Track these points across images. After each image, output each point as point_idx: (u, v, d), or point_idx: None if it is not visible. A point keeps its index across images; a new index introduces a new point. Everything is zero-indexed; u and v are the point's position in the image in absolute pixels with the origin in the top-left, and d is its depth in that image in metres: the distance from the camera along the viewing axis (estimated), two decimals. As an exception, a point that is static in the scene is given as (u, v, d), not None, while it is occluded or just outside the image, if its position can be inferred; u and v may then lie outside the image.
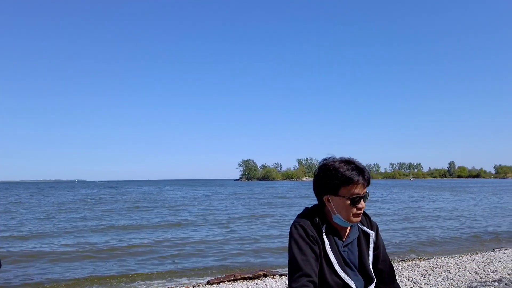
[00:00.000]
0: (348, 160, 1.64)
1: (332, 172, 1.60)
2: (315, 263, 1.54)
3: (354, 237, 1.69)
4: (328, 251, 1.59)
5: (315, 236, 1.59)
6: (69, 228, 13.74)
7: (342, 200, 1.59)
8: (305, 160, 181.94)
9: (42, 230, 13.43)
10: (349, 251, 1.67)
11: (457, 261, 7.32)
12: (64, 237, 11.71)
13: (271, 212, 19.12)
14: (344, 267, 1.61)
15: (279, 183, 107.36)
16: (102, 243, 10.49)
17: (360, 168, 1.60)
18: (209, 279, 6.98)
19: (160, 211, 20.62)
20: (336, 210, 1.62)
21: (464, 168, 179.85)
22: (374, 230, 1.76)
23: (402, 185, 68.54)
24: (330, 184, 1.60)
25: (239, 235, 11.85)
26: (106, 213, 19.76)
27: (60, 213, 20.37)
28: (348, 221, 1.62)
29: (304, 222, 1.61)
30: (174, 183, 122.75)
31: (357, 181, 1.57)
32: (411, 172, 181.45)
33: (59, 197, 39.02)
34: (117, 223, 15.02)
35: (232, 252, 9.38)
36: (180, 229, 13.26)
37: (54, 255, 9.07)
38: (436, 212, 18.57)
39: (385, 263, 1.76)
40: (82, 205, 26.56)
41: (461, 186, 59.33)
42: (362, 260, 1.67)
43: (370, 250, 1.71)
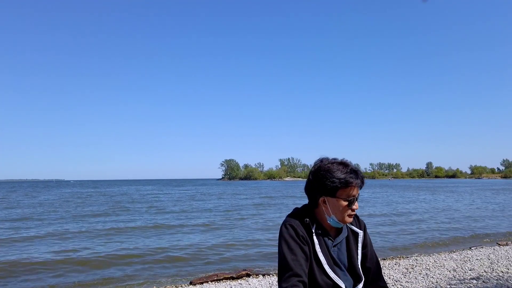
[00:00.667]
0: (344, 162, 1.67)
1: (331, 175, 1.61)
2: (305, 263, 1.55)
3: (343, 236, 1.71)
4: (318, 251, 1.60)
5: (305, 236, 1.59)
6: (44, 233, 13.38)
7: (339, 202, 1.62)
8: (287, 160, 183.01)
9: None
10: (339, 250, 1.69)
11: (436, 259, 7.49)
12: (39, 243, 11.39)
13: (257, 213, 19.05)
14: (334, 267, 1.62)
15: (262, 183, 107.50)
16: (81, 248, 10.21)
17: (355, 171, 1.65)
18: (192, 279, 6.92)
19: (143, 213, 20.33)
20: (332, 212, 1.64)
21: (441, 169, 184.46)
22: (362, 229, 1.79)
23: (382, 185, 69.74)
24: (328, 186, 1.62)
25: (224, 237, 11.77)
26: (86, 216, 19.35)
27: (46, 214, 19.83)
28: (343, 222, 1.65)
29: (294, 222, 1.62)
30: (155, 183, 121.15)
31: (355, 184, 1.62)
32: (390, 172, 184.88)
33: (41, 196, 38.00)
34: (97, 227, 14.69)
35: (216, 253, 9.33)
36: (164, 232, 13.08)
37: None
38: (414, 211, 18.98)
39: (373, 261, 1.79)
40: (60, 205, 25.96)
41: (439, 186, 60.88)
42: (351, 260, 1.69)
43: (358, 249, 1.74)
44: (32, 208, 23.17)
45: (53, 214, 19.41)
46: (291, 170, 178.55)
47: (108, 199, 32.40)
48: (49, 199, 33.13)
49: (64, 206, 24.61)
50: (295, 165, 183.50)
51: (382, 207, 21.81)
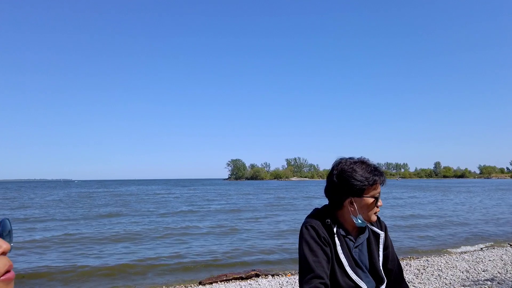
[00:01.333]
0: (365, 161, 1.66)
1: (357, 175, 1.60)
2: (327, 265, 1.52)
3: (364, 238, 1.68)
4: (339, 253, 1.57)
5: (327, 237, 1.56)
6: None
7: (366, 201, 1.61)
8: (293, 159, 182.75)
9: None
10: (360, 252, 1.65)
11: (447, 260, 7.40)
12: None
13: (268, 214, 18.96)
14: (355, 269, 1.59)
15: (269, 183, 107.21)
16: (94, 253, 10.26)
17: (377, 168, 1.65)
18: (202, 279, 6.91)
19: (154, 213, 20.39)
20: (359, 211, 1.61)
21: (449, 168, 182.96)
22: (383, 230, 1.75)
23: (390, 185, 69.16)
24: (356, 187, 1.59)
25: (234, 238, 11.74)
26: (97, 215, 19.48)
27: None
28: (369, 220, 1.64)
29: (315, 222, 1.59)
30: (161, 183, 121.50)
31: (380, 181, 1.63)
32: (398, 172, 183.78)
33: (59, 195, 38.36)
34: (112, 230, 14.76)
35: (225, 254, 9.31)
36: (174, 233, 13.11)
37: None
38: (423, 211, 18.81)
39: (394, 262, 1.75)
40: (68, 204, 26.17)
41: (448, 186, 60.34)
42: (372, 261, 1.66)
43: (380, 251, 1.70)
44: (46, 211, 23.38)
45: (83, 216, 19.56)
46: (297, 170, 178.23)
47: (119, 199, 32.52)
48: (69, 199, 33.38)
49: (86, 207, 24.82)
50: (302, 165, 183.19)
51: (391, 207, 21.65)
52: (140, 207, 23.35)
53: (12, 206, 25.21)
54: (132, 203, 27.68)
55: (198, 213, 19.48)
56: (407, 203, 24.49)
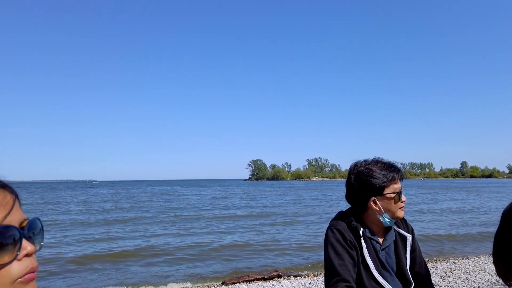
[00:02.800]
0: (379, 160, 1.67)
1: (374, 174, 1.61)
2: (353, 268, 1.51)
3: (391, 240, 1.67)
4: (365, 256, 1.56)
5: (353, 240, 1.56)
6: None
7: (388, 199, 1.61)
8: (314, 160, 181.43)
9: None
10: (387, 254, 1.64)
11: (475, 263, 7.19)
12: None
13: (294, 215, 18.86)
14: (382, 272, 1.58)
15: (292, 183, 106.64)
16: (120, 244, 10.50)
17: (393, 164, 1.66)
18: (224, 279, 6.97)
19: (186, 214, 20.62)
20: (384, 210, 1.61)
21: (476, 168, 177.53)
22: (410, 232, 1.73)
23: (416, 185, 67.58)
24: (376, 185, 1.60)
25: (259, 238, 11.74)
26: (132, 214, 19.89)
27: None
28: (395, 218, 1.65)
29: (340, 225, 1.59)
30: (185, 183, 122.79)
31: (398, 176, 1.64)
32: (422, 172, 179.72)
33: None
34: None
35: (249, 254, 9.35)
36: (200, 232, 13.27)
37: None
38: (450, 212, 18.31)
39: (421, 266, 1.73)
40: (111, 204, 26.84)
41: (476, 186, 58.45)
42: (399, 264, 1.64)
43: (407, 253, 1.68)
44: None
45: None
46: (319, 170, 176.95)
47: (158, 199, 33.01)
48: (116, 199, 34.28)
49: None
50: (323, 165, 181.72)
51: (413, 208, 21.18)
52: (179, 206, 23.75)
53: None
54: (169, 202, 28.17)
55: (224, 217, 19.59)
56: (432, 201, 23.90)
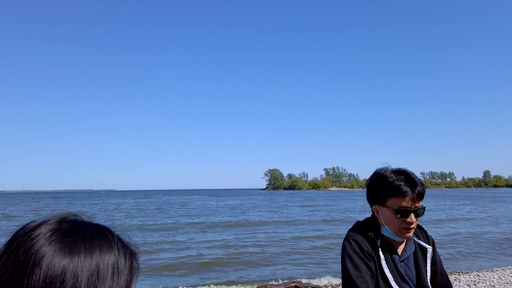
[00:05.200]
0: (400, 170, 1.57)
1: (380, 181, 1.55)
2: (371, 280, 1.48)
3: (410, 252, 1.62)
4: (384, 267, 1.52)
5: (370, 252, 1.52)
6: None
7: (389, 212, 1.53)
8: (332, 169, 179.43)
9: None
10: (406, 266, 1.59)
11: (500, 276, 6.96)
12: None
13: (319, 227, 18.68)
14: (401, 284, 1.53)
15: (311, 193, 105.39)
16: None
17: (411, 180, 1.51)
18: (241, 290, 6.93)
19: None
20: (384, 222, 1.56)
21: (500, 177, 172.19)
22: (430, 244, 1.68)
23: (436, 195, 65.84)
24: (378, 194, 1.55)
25: (281, 249, 11.65)
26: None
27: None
28: (396, 235, 1.54)
29: (357, 236, 1.55)
30: (202, 193, 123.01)
31: (404, 192, 1.48)
32: (443, 182, 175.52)
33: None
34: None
35: (269, 264, 9.30)
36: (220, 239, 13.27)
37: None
38: (473, 224, 17.79)
39: (443, 278, 1.68)
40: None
41: (501, 196, 56.52)
42: (419, 276, 1.60)
43: (427, 266, 1.63)
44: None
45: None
46: (336, 180, 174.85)
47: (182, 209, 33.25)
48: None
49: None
50: (341, 174, 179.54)
51: (438, 215, 20.67)
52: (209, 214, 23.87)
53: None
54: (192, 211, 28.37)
55: (246, 225, 19.39)
56: (452, 213, 23.26)
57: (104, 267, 0.53)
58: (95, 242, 0.54)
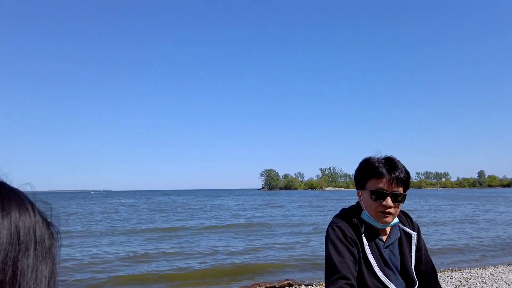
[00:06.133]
0: (386, 156, 1.59)
1: (363, 165, 1.59)
2: (354, 266, 1.48)
3: (395, 238, 1.63)
4: (367, 253, 1.53)
5: (354, 238, 1.53)
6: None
7: (367, 194, 1.55)
8: (327, 169, 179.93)
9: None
10: (391, 252, 1.60)
11: (492, 272, 7.01)
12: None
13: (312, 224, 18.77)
14: (385, 270, 1.54)
15: (308, 193, 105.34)
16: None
17: (392, 164, 1.53)
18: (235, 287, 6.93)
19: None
20: (364, 206, 1.58)
21: (494, 177, 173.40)
22: (415, 230, 1.69)
23: (431, 195, 66.13)
24: (360, 177, 1.59)
25: (269, 246, 11.71)
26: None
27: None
28: (375, 218, 1.55)
29: (341, 223, 1.56)
30: (198, 194, 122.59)
31: (380, 173, 1.51)
32: (438, 182, 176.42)
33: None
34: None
35: (260, 263, 9.29)
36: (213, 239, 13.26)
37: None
38: (467, 222, 17.90)
39: (428, 265, 1.69)
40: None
41: (495, 196, 56.79)
42: (404, 262, 1.61)
43: (412, 252, 1.64)
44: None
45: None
46: (332, 180, 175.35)
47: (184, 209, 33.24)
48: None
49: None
50: (337, 174, 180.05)
51: (430, 215, 20.78)
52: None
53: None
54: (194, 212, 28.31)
55: (234, 224, 19.54)
56: (446, 210, 23.41)
57: (25, 230, 0.48)
58: (11, 204, 0.49)
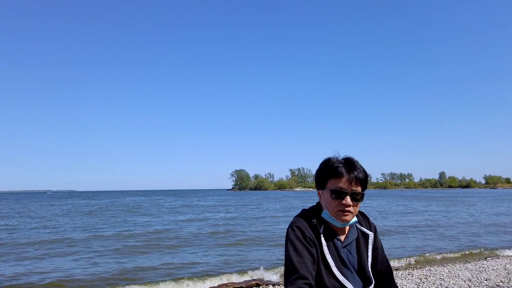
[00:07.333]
0: (345, 157, 1.63)
1: (323, 166, 1.62)
2: (312, 266, 1.51)
3: (353, 238, 1.67)
4: (325, 253, 1.56)
5: (313, 238, 1.55)
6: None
7: (328, 194, 1.58)
8: (297, 170, 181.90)
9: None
10: (348, 252, 1.64)
11: (450, 270, 7.32)
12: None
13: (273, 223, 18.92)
14: (342, 269, 1.58)
15: (278, 193, 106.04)
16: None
17: (350, 164, 1.57)
18: (202, 288, 6.87)
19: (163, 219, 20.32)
20: (324, 205, 1.61)
21: (454, 178, 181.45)
22: (372, 230, 1.74)
23: (396, 195, 68.42)
24: (320, 177, 1.62)
25: (236, 246, 11.71)
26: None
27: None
28: (334, 217, 1.58)
29: (301, 223, 1.58)
30: (168, 194, 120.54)
31: (340, 173, 1.55)
32: (402, 182, 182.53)
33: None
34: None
35: (228, 263, 9.26)
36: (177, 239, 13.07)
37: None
38: (428, 221, 18.64)
39: (384, 264, 1.74)
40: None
41: (453, 196, 59.63)
42: (361, 262, 1.65)
43: (369, 251, 1.69)
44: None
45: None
46: (301, 180, 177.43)
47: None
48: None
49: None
50: (306, 175, 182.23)
51: (396, 217, 21.48)
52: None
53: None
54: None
55: (199, 221, 19.41)
56: (411, 212, 24.30)
57: None
58: None
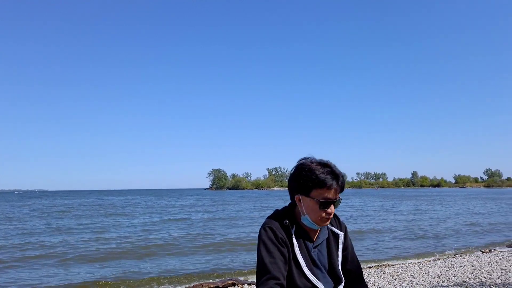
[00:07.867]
0: (326, 163, 1.62)
1: (306, 173, 1.58)
2: (284, 266, 1.53)
3: (323, 238, 1.69)
4: (297, 253, 1.58)
5: (284, 238, 1.57)
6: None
7: (312, 202, 1.58)
8: (274, 169, 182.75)
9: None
10: (319, 252, 1.67)
11: (421, 267, 7.53)
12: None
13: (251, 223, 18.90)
14: (313, 269, 1.60)
15: (254, 193, 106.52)
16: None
17: (336, 174, 1.58)
18: (177, 289, 6.81)
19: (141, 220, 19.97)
20: (306, 211, 1.61)
21: (426, 178, 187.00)
22: (343, 230, 1.77)
23: (369, 194, 70.01)
24: (303, 184, 1.58)
25: (211, 247, 11.66)
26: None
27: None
28: (316, 223, 1.61)
29: (273, 224, 1.60)
30: (144, 193, 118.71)
31: (330, 185, 1.55)
32: (376, 182, 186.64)
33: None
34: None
35: (202, 263, 9.21)
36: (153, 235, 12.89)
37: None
38: (399, 221, 19.12)
39: (354, 263, 1.78)
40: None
41: (425, 195, 61.51)
42: (331, 261, 1.68)
43: (339, 251, 1.72)
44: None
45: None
46: (279, 180, 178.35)
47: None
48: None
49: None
50: (283, 174, 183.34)
51: (368, 217, 21.93)
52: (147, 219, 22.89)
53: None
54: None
55: (174, 222, 19.22)
56: (384, 211, 24.88)
57: None
58: None
